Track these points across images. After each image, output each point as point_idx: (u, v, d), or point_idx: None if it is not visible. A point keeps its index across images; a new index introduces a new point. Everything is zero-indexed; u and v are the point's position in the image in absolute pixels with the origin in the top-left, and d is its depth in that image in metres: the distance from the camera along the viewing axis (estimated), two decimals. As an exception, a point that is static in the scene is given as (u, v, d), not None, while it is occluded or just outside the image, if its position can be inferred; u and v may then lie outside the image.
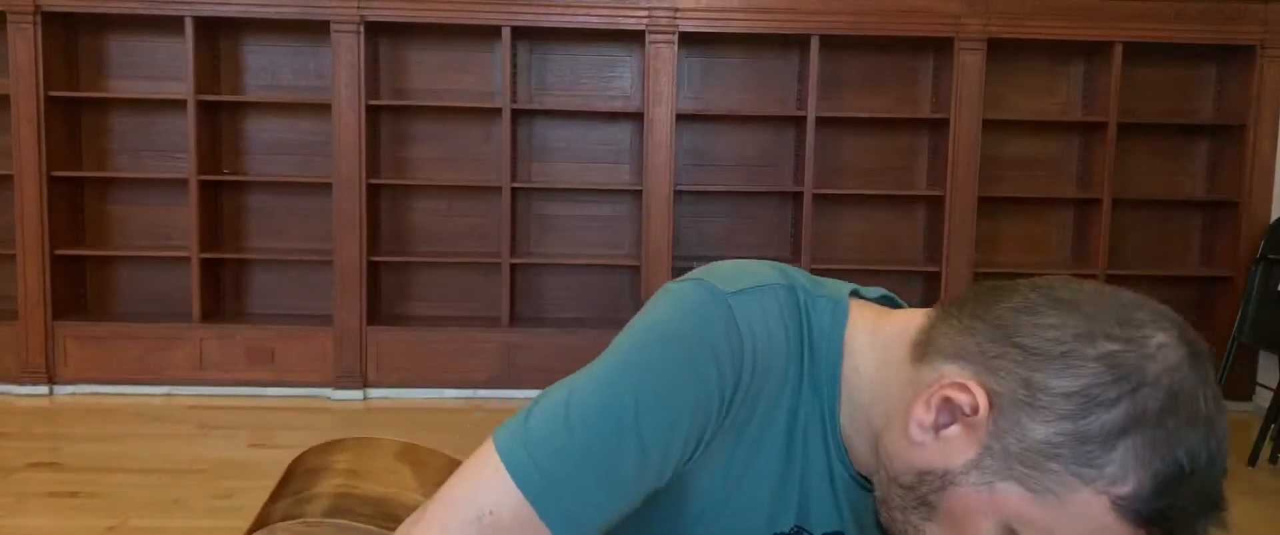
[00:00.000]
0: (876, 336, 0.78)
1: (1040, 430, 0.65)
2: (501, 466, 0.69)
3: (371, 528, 0.93)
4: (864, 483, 0.80)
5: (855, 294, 0.82)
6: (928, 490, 0.71)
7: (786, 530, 0.81)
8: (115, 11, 4.27)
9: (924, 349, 0.73)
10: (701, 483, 0.77)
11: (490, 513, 0.69)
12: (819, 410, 0.78)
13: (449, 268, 4.74)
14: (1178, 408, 0.64)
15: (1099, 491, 0.64)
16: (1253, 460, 3.78)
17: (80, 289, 4.66)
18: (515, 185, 4.51)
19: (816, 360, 0.78)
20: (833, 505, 0.81)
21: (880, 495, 0.76)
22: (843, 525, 0.82)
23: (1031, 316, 0.68)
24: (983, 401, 0.67)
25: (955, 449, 0.69)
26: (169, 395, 4.44)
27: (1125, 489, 0.64)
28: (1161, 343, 0.65)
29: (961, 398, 0.68)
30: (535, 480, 0.68)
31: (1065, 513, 0.65)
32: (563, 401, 0.71)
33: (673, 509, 0.78)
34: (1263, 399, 4.44)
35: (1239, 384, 4.59)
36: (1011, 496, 0.67)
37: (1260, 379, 4.58)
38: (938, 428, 0.70)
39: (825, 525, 0.82)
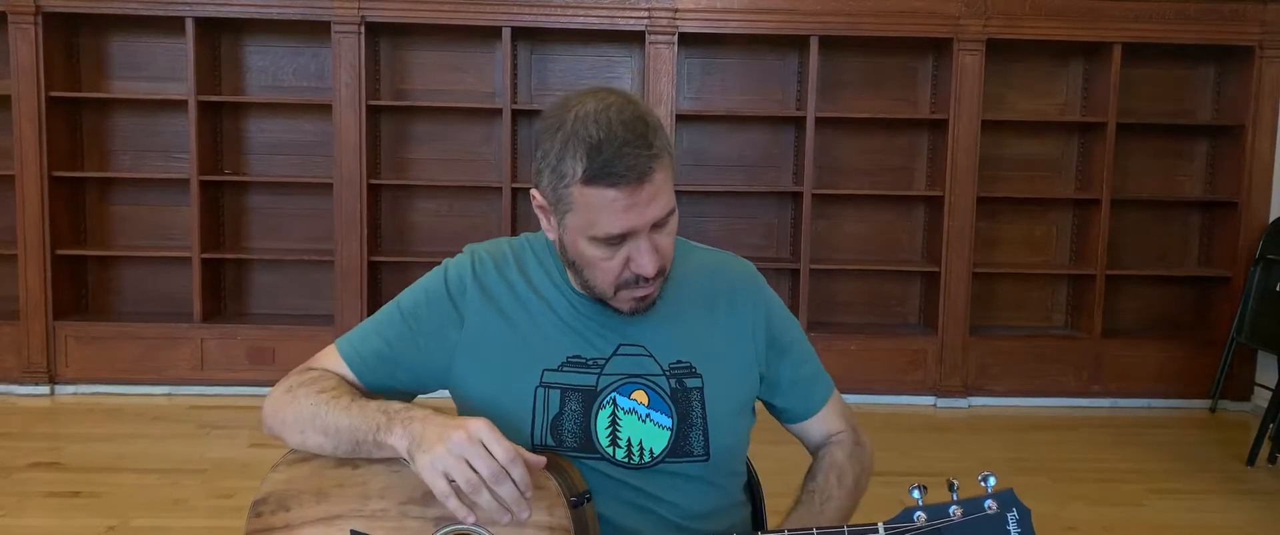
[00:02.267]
0: None
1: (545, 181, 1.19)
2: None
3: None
4: (591, 301, 1.27)
5: None
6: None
7: (565, 359, 1.27)
8: (116, 12, 4.28)
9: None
10: (482, 343, 1.29)
11: (314, 358, 1.33)
12: (548, 277, 1.32)
13: (449, 268, 4.74)
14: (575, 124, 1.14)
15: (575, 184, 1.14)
16: (1251, 460, 3.78)
17: (81, 289, 4.68)
18: (515, 185, 4.52)
19: (539, 252, 1.34)
20: (595, 332, 1.28)
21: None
22: (601, 336, 1.28)
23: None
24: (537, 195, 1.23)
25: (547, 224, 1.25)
26: (170, 395, 4.45)
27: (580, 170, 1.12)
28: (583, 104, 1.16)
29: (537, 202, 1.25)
30: (342, 338, 1.33)
31: (583, 205, 1.14)
32: None
33: (474, 368, 1.30)
34: (1261, 399, 4.45)
35: (1238, 384, 4.59)
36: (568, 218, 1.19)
37: (1259, 379, 4.59)
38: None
39: (599, 345, 1.28)
